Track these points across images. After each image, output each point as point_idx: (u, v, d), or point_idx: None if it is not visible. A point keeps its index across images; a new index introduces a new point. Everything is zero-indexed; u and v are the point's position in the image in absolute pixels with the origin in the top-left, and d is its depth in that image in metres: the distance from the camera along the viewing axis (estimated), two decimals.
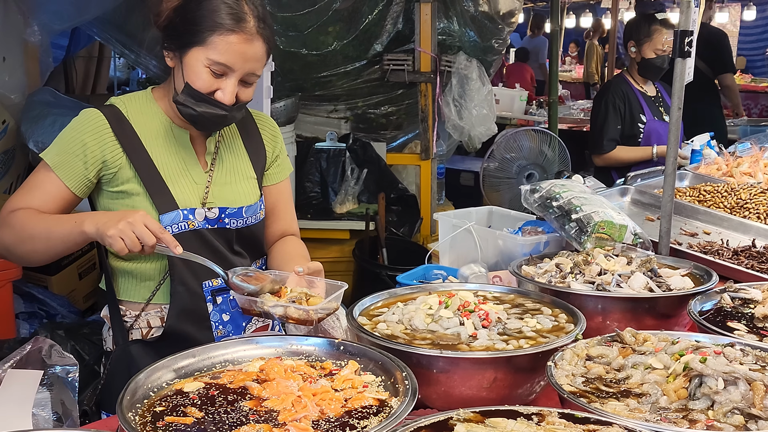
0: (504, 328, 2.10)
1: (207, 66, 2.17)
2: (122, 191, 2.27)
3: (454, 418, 1.58)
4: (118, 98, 2.35)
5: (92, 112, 2.27)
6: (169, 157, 2.31)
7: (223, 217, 2.34)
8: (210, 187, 2.34)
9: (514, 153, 5.85)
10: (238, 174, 2.41)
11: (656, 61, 4.70)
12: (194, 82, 2.19)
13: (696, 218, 3.43)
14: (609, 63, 12.30)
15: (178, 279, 2.29)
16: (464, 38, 6.08)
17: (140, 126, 2.30)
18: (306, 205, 5.76)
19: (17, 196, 2.25)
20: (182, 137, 2.35)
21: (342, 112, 6.30)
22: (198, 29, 2.16)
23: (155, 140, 2.31)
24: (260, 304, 2.07)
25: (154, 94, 2.38)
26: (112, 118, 2.27)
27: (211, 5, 2.17)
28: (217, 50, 2.16)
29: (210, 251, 2.30)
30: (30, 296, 4.67)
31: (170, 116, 2.34)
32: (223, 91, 2.20)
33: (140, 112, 2.33)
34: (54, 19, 5.44)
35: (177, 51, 2.22)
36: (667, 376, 1.77)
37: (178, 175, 2.31)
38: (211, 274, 2.26)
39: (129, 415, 1.63)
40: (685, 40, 2.78)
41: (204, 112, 2.21)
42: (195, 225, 2.29)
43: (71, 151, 2.23)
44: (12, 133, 5.37)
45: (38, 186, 2.25)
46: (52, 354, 2.00)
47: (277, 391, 1.74)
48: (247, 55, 2.19)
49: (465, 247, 3.11)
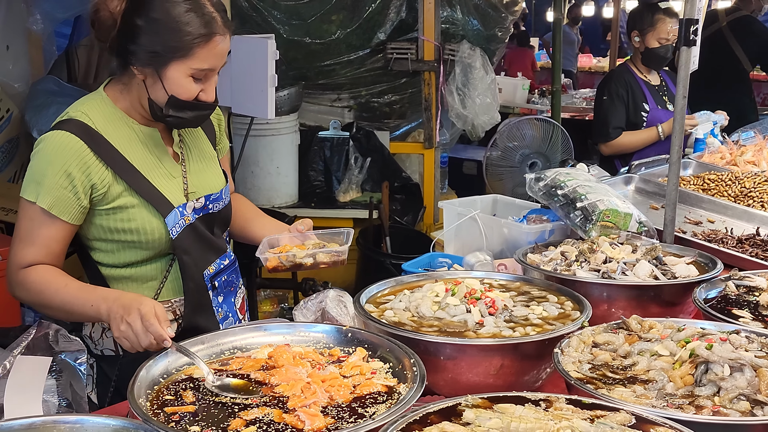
0: (510, 315, 2.11)
1: (190, 75, 2.15)
2: (117, 207, 2.22)
3: (462, 404, 1.60)
4: (76, 110, 2.21)
5: (63, 136, 2.14)
6: (146, 160, 2.27)
7: (207, 204, 2.36)
8: (188, 178, 2.35)
9: (516, 142, 5.85)
10: (205, 156, 2.43)
11: (660, 50, 4.69)
12: (180, 95, 2.16)
13: (700, 207, 3.43)
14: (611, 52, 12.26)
15: (188, 275, 2.31)
16: (467, 27, 6.07)
17: (111, 135, 2.21)
18: (310, 193, 5.77)
19: (21, 250, 2.17)
20: (153, 136, 2.30)
21: (345, 101, 6.29)
22: (175, 45, 2.11)
23: (129, 146, 2.24)
24: (291, 257, 2.24)
25: (109, 96, 2.27)
26: (85, 137, 2.15)
27: (179, 16, 2.11)
28: (199, 59, 2.14)
29: (203, 242, 2.34)
30: None
31: (133, 117, 2.28)
32: (206, 91, 2.20)
33: (106, 121, 2.22)
34: (56, 8, 5.44)
35: (150, 66, 2.15)
36: (673, 363, 1.79)
37: (159, 175, 2.28)
38: (206, 261, 2.34)
39: (140, 401, 1.64)
40: (691, 29, 2.78)
41: (191, 117, 2.23)
42: (189, 219, 2.31)
43: (59, 186, 2.13)
44: (16, 121, 5.38)
45: (38, 234, 2.16)
46: (59, 339, 2.02)
47: (286, 378, 1.76)
48: (223, 53, 2.20)
49: (470, 236, 3.11)
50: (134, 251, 2.26)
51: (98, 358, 2.36)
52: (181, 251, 2.28)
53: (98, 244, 2.27)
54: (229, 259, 2.46)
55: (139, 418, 1.56)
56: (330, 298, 2.24)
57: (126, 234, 2.23)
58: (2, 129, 5.29)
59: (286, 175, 5.61)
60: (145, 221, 2.23)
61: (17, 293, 2.22)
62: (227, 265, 2.44)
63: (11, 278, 2.20)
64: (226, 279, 2.43)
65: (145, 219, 2.23)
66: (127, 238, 2.24)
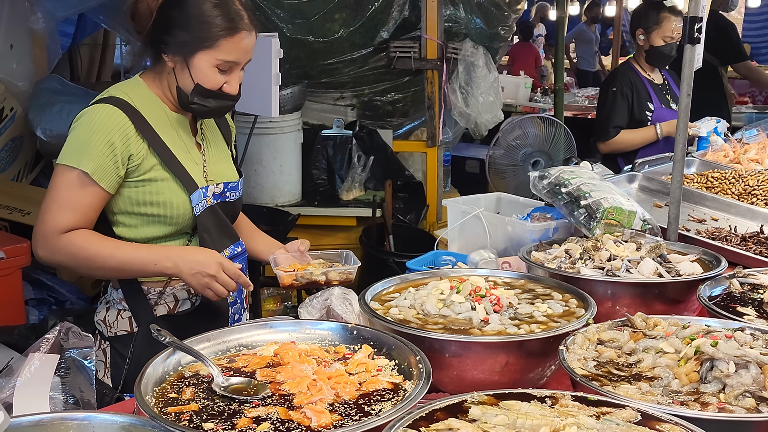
0: (515, 312, 2.12)
1: (215, 66, 2.31)
2: (148, 179, 2.34)
3: (468, 400, 1.60)
4: (117, 89, 2.37)
5: (108, 109, 2.29)
6: (176, 141, 2.42)
7: (225, 191, 2.50)
8: (207, 166, 2.49)
9: (519, 140, 5.86)
10: (221, 151, 2.59)
11: (665, 48, 4.69)
12: (205, 83, 2.32)
13: (704, 204, 3.44)
14: (614, 50, 12.26)
15: None
16: (471, 25, 6.07)
17: (148, 114, 2.36)
18: (313, 192, 5.78)
19: (60, 215, 2.25)
20: (183, 122, 2.47)
21: (348, 100, 6.30)
22: (203, 35, 2.28)
23: (162, 127, 2.39)
24: (308, 275, 2.41)
25: (146, 82, 2.43)
26: (127, 111, 2.31)
27: (207, 9, 2.28)
28: (224, 51, 2.30)
29: (221, 225, 2.49)
30: (39, 283, 4.70)
31: (166, 103, 2.43)
32: (229, 83, 2.36)
33: (144, 101, 2.38)
34: (58, 6, 5.44)
35: (179, 55, 2.32)
36: (678, 360, 1.79)
37: (186, 158, 2.42)
38: (223, 245, 2.47)
39: (147, 398, 1.65)
40: (695, 27, 2.78)
41: (215, 106, 2.38)
42: (211, 201, 2.44)
43: (101, 153, 2.25)
44: (20, 120, 5.40)
45: (78, 199, 2.26)
46: (69, 336, 2.02)
47: (293, 375, 1.76)
48: (248, 48, 2.36)
49: (474, 234, 3.12)
50: (157, 227, 2.38)
51: (111, 340, 2.47)
52: (202, 229, 2.41)
53: (122, 218, 2.38)
54: (241, 248, 2.59)
55: (146, 414, 1.56)
56: (335, 296, 2.25)
57: (152, 207, 2.35)
58: (6, 128, 5.30)
59: (290, 174, 5.61)
60: (173, 195, 2.36)
61: (57, 258, 2.30)
62: (239, 252, 2.57)
63: (48, 243, 2.27)
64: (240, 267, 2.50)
65: (173, 193, 2.36)
66: (153, 211, 2.36)
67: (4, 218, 4.80)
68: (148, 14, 2.30)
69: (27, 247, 4.27)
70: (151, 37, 2.33)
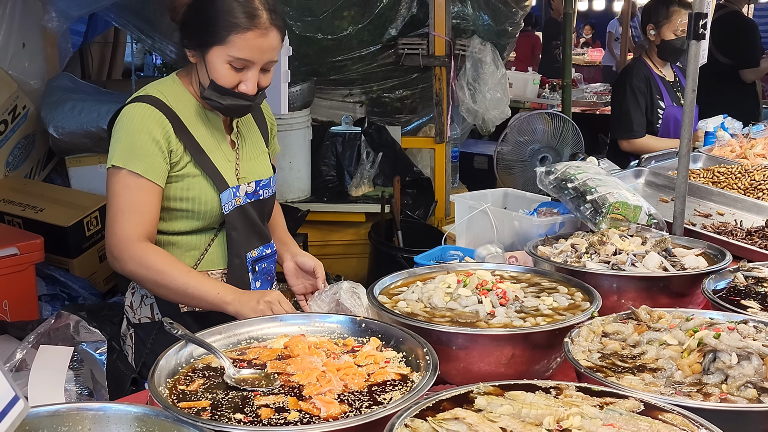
0: (521, 306, 2.15)
1: (228, 62, 2.31)
2: (181, 175, 2.38)
3: (474, 391, 1.64)
4: (152, 87, 2.43)
5: (145, 108, 2.34)
6: (208, 140, 2.45)
7: (258, 189, 2.52)
8: (239, 164, 2.51)
9: (527, 136, 5.88)
10: (257, 148, 2.60)
11: (676, 42, 4.67)
12: (218, 80, 2.33)
13: (710, 199, 3.46)
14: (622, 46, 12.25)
15: (234, 252, 2.47)
16: (478, 22, 6.09)
17: (181, 112, 2.41)
18: (322, 188, 5.81)
19: (128, 221, 2.30)
20: (215, 120, 2.49)
21: (357, 96, 6.32)
22: (215, 29, 2.30)
23: (195, 125, 2.43)
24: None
25: (181, 80, 2.48)
26: (162, 108, 2.36)
27: (224, 5, 2.30)
28: (236, 47, 2.30)
29: (251, 225, 2.50)
30: (52, 279, 4.75)
31: (199, 101, 2.46)
32: (245, 83, 2.35)
33: (177, 99, 2.42)
34: (71, 6, 5.50)
35: (197, 49, 2.35)
36: (681, 352, 1.82)
37: (218, 156, 2.45)
38: (251, 245, 2.50)
39: (160, 389, 1.69)
40: (700, 23, 2.81)
41: (230, 104, 2.38)
42: (240, 201, 2.47)
43: (149, 152, 2.31)
44: (32, 118, 5.45)
45: (138, 201, 2.31)
46: (80, 330, 2.07)
47: (302, 367, 1.80)
48: (263, 47, 2.33)
49: (481, 229, 3.15)
50: (186, 221, 2.43)
51: (136, 327, 2.53)
52: (230, 227, 2.44)
53: None
54: (271, 249, 2.61)
55: (160, 405, 1.60)
56: (344, 289, 2.28)
57: (182, 202, 2.39)
58: (19, 125, 5.36)
59: (299, 170, 5.65)
60: (203, 191, 2.39)
61: (130, 267, 2.31)
62: (269, 254, 2.59)
63: (123, 252, 2.30)
64: (266, 267, 2.58)
65: (203, 189, 2.39)
66: (183, 206, 2.40)
67: (17, 215, 4.86)
68: (180, 11, 2.37)
69: (40, 243, 4.33)
70: (181, 32, 2.39)
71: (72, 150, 5.40)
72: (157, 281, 2.31)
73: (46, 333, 1.95)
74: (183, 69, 2.51)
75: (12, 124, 5.32)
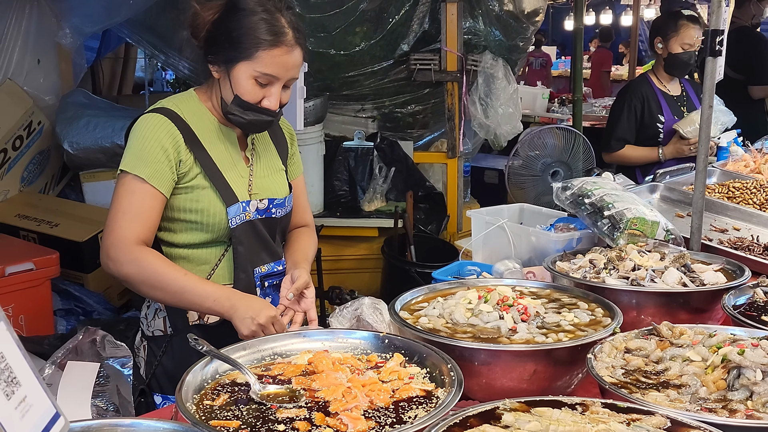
0: (543, 322, 2.15)
1: (254, 78, 2.35)
2: (190, 186, 2.41)
3: (500, 407, 1.64)
4: (169, 101, 2.47)
5: (158, 118, 2.38)
6: (222, 154, 2.47)
7: (270, 207, 2.53)
8: (253, 180, 2.53)
9: (538, 151, 5.89)
10: (272, 167, 2.61)
11: (684, 56, 4.70)
12: (243, 95, 2.38)
13: (726, 214, 3.46)
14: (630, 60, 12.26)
15: (240, 266, 2.47)
16: (490, 37, 6.12)
17: (196, 127, 2.44)
18: (335, 203, 5.82)
19: (128, 223, 2.32)
20: (230, 135, 2.52)
21: (369, 111, 6.35)
22: (243, 46, 2.34)
23: (209, 139, 2.46)
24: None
25: (198, 96, 2.51)
26: (175, 120, 2.39)
27: (251, 22, 2.34)
28: (262, 63, 2.34)
29: (260, 241, 2.51)
30: (67, 293, 4.78)
31: (216, 116, 2.50)
32: (269, 98, 2.39)
33: (193, 114, 2.45)
34: (85, 22, 5.56)
35: (223, 65, 2.39)
36: (705, 368, 1.82)
37: (230, 171, 2.47)
38: (260, 260, 2.50)
39: (188, 405, 1.70)
40: (716, 39, 2.82)
41: (253, 119, 2.42)
42: (250, 216, 2.47)
43: (156, 159, 2.34)
44: (47, 133, 5.50)
45: (141, 205, 2.33)
46: (105, 345, 2.08)
47: (327, 383, 1.81)
48: (288, 65, 2.38)
49: (497, 244, 3.16)
50: (195, 233, 2.44)
51: (149, 339, 2.56)
52: (237, 241, 2.45)
53: (164, 223, 2.44)
54: (282, 266, 2.60)
55: (188, 421, 1.61)
56: (366, 305, 2.30)
57: (191, 213, 2.41)
58: (34, 141, 5.40)
59: (312, 185, 5.66)
60: (211, 203, 2.41)
61: (126, 269, 2.31)
62: (279, 271, 2.58)
63: (119, 253, 2.31)
64: (276, 284, 2.55)
65: (211, 201, 2.41)
66: (191, 217, 2.42)
67: (32, 230, 4.90)
68: (203, 27, 2.40)
69: (56, 258, 4.36)
70: (204, 49, 2.43)
71: (86, 165, 5.45)
72: (154, 285, 2.31)
73: (74, 349, 1.96)
74: (201, 86, 2.55)
75: (27, 140, 5.37)
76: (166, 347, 2.51)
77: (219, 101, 2.45)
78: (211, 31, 2.39)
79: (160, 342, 2.53)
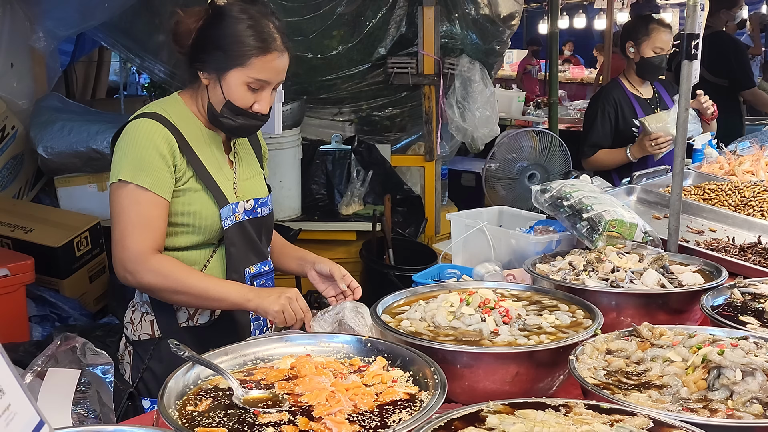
0: (524, 324, 2.16)
1: (246, 84, 2.38)
2: (184, 189, 2.43)
3: (485, 410, 1.64)
4: (156, 105, 2.48)
5: (152, 123, 2.40)
6: (209, 157, 2.50)
7: (256, 207, 2.58)
8: (237, 183, 2.56)
9: (515, 153, 5.92)
10: (252, 169, 2.66)
11: (655, 60, 4.73)
12: (236, 101, 2.40)
13: (701, 216, 3.50)
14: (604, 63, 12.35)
15: (232, 267, 2.51)
16: (466, 41, 6.14)
17: (184, 130, 2.46)
18: (312, 206, 5.81)
19: (140, 235, 2.34)
20: (216, 139, 2.55)
21: (347, 115, 6.36)
22: (236, 53, 2.36)
23: (198, 142, 2.49)
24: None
25: (183, 100, 2.53)
26: (167, 125, 2.41)
27: (240, 30, 2.36)
28: (255, 69, 2.37)
29: (249, 242, 2.55)
30: (42, 300, 4.72)
31: (201, 120, 2.52)
32: (259, 103, 2.43)
33: (181, 118, 2.47)
34: (59, 26, 5.52)
35: (214, 72, 2.41)
36: (686, 368, 1.84)
37: (218, 174, 2.50)
38: (249, 261, 2.55)
39: (170, 411, 1.68)
40: (692, 43, 2.85)
41: (243, 123, 2.45)
42: (239, 217, 2.51)
43: (155, 166, 2.36)
44: (21, 138, 5.44)
45: (149, 215, 2.36)
46: (86, 352, 2.06)
47: (310, 387, 1.80)
48: (279, 69, 2.43)
49: (477, 247, 3.17)
50: (187, 236, 2.47)
51: (135, 344, 2.56)
52: (229, 242, 2.49)
53: None
54: (269, 267, 2.66)
55: (171, 427, 1.60)
56: (348, 309, 2.29)
57: (183, 216, 2.44)
58: (7, 146, 5.34)
59: (289, 189, 5.66)
60: (204, 206, 2.44)
61: (147, 279, 2.35)
62: (267, 271, 2.64)
63: (138, 266, 2.34)
64: (264, 283, 2.61)
65: (204, 204, 2.45)
66: (184, 220, 2.44)
67: (6, 236, 4.83)
68: (188, 34, 2.41)
69: (31, 264, 4.31)
70: (189, 56, 2.44)
71: (61, 170, 5.39)
72: (177, 289, 2.36)
73: (52, 356, 1.94)
74: (185, 90, 2.56)
75: (1, 145, 5.30)
76: (154, 351, 2.52)
77: (205, 106, 2.48)
78: (199, 38, 2.40)
79: (147, 346, 2.53)
